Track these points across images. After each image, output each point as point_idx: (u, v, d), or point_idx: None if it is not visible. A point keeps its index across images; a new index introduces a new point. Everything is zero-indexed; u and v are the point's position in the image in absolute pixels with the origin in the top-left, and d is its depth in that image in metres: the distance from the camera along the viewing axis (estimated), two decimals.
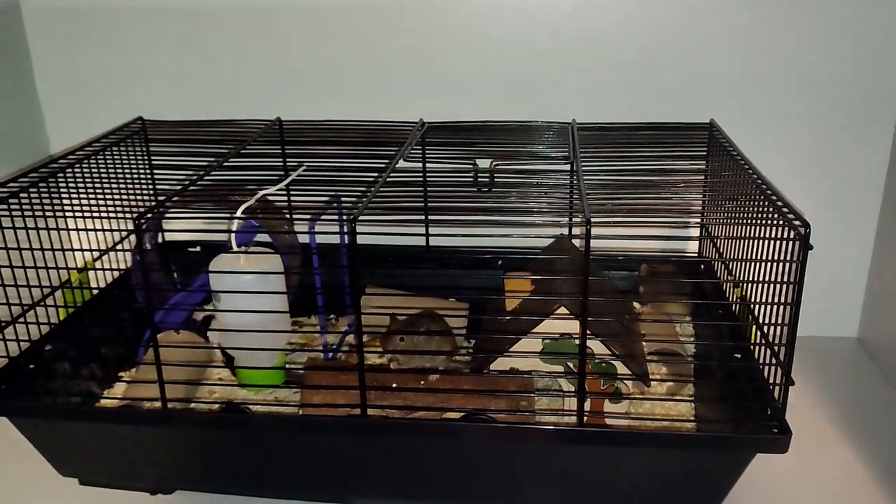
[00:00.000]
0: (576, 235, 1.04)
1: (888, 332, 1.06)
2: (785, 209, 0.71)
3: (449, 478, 0.79)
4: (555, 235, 0.99)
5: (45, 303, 0.87)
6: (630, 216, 0.73)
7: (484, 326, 0.98)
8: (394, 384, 0.81)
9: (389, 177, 0.85)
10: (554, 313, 0.83)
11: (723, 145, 0.94)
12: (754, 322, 0.77)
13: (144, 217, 0.76)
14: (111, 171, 1.00)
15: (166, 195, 0.82)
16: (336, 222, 0.98)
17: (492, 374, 0.84)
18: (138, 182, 1.06)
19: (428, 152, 1.02)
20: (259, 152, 1.01)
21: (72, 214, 0.81)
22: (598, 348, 0.82)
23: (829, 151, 1.07)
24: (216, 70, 1.12)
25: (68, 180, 0.91)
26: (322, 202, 0.93)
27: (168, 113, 1.10)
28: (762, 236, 0.74)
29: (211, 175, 0.88)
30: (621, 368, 0.83)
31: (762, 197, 0.76)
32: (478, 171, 0.92)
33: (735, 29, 1.04)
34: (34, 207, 0.84)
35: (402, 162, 0.91)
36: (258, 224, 0.97)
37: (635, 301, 1.03)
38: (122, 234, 1.00)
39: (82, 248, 0.88)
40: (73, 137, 1.10)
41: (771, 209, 0.73)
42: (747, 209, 0.80)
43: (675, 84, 1.07)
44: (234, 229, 0.84)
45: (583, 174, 0.84)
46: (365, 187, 0.83)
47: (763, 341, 0.75)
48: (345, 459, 0.79)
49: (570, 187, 0.91)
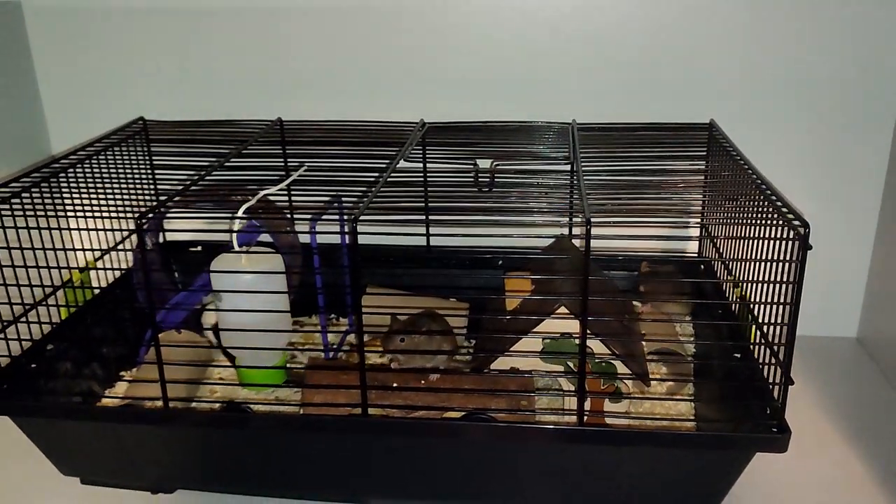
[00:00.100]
0: (576, 235, 1.05)
1: (888, 332, 1.06)
2: (784, 209, 0.71)
3: (449, 477, 0.79)
4: (555, 235, 0.99)
5: (47, 302, 0.87)
6: (630, 216, 0.74)
7: (484, 326, 0.98)
8: (394, 384, 0.81)
9: (390, 177, 0.85)
10: (554, 313, 0.83)
11: (722, 145, 0.95)
12: (754, 322, 0.78)
13: (146, 217, 0.76)
14: (112, 171, 1.01)
15: (167, 195, 0.82)
16: (337, 222, 0.99)
17: (492, 374, 0.84)
18: (139, 182, 1.06)
19: (428, 152, 1.03)
20: (260, 152, 1.02)
21: (73, 214, 0.81)
22: (598, 348, 0.82)
23: (829, 151, 1.07)
24: (217, 70, 1.12)
25: (70, 180, 0.92)
26: (323, 202, 0.93)
27: (169, 113, 1.10)
28: (762, 236, 0.74)
29: (212, 175, 0.88)
30: (621, 368, 0.83)
31: (762, 197, 0.76)
32: (478, 172, 0.92)
33: (735, 29, 1.04)
34: (36, 207, 0.84)
35: (403, 162, 0.91)
36: (259, 224, 0.98)
37: (635, 301, 1.04)
38: (124, 234, 1.00)
39: (84, 248, 0.88)
40: (75, 137, 1.11)
41: (770, 209, 0.73)
42: (747, 209, 0.80)
43: (675, 84, 1.07)
44: (236, 229, 0.85)
45: (583, 174, 0.84)
46: (366, 187, 0.84)
47: (762, 341, 0.75)
48: (346, 458, 0.79)
49: (571, 187, 0.91)
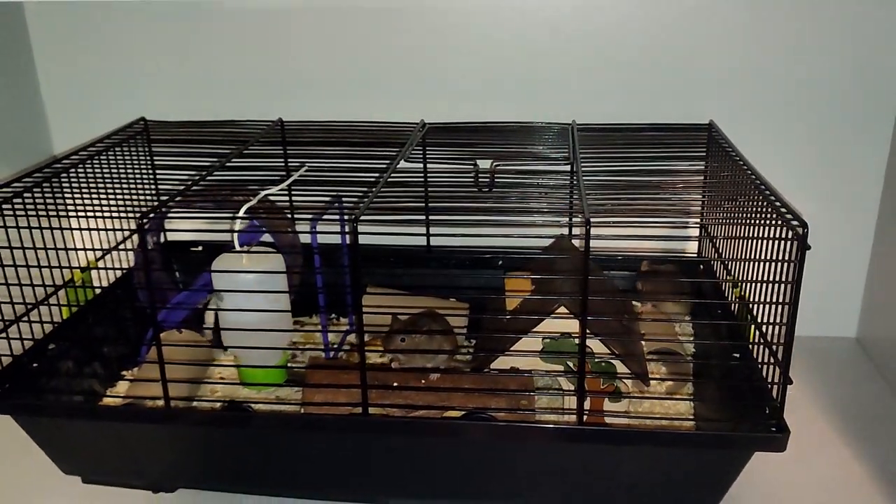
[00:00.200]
0: (576, 235, 1.05)
1: (887, 333, 1.07)
2: (783, 209, 0.71)
3: (449, 476, 0.80)
4: (555, 235, 1.00)
5: (49, 302, 0.87)
6: (629, 216, 0.74)
7: (484, 326, 0.98)
8: (395, 383, 0.81)
9: (390, 177, 0.85)
10: (554, 312, 0.83)
11: (722, 146, 0.95)
12: (753, 322, 0.78)
13: (147, 217, 0.76)
14: (114, 172, 1.01)
15: (169, 195, 0.82)
16: (337, 222, 0.99)
17: (492, 373, 0.84)
18: (141, 182, 1.07)
19: (429, 153, 1.03)
20: (261, 153, 1.02)
21: (75, 214, 0.81)
22: (598, 347, 0.82)
23: (829, 152, 1.07)
24: (218, 71, 1.12)
25: (71, 180, 0.92)
26: (323, 202, 0.93)
27: (170, 114, 1.10)
28: (761, 236, 0.74)
29: (213, 175, 0.89)
30: (621, 367, 0.83)
31: (761, 197, 0.76)
32: (478, 172, 0.92)
33: (734, 30, 1.04)
34: (38, 207, 0.85)
35: (403, 162, 0.92)
36: (259, 224, 0.98)
37: (635, 300, 1.04)
38: (125, 234, 1.00)
39: (85, 248, 0.88)
40: (76, 138, 1.11)
41: (769, 209, 0.73)
42: (746, 209, 0.80)
43: (675, 85, 1.07)
44: (237, 229, 0.85)
45: (583, 174, 0.84)
46: (366, 188, 0.84)
47: (761, 341, 0.76)
48: (346, 458, 0.80)
49: (570, 188, 0.92)
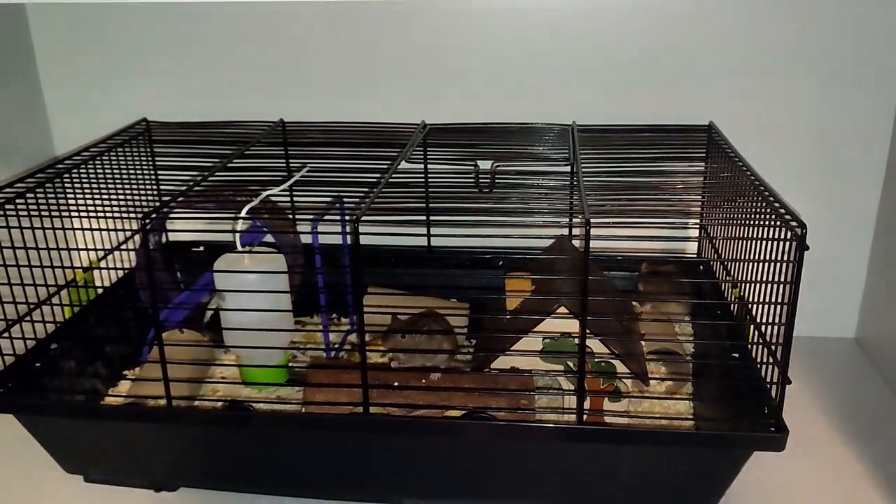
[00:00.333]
0: (576, 236, 1.05)
1: (886, 333, 1.07)
2: (782, 210, 0.72)
3: (449, 475, 0.80)
4: (555, 236, 1.00)
5: (51, 301, 0.88)
6: (629, 217, 0.74)
7: (485, 326, 0.98)
8: (395, 383, 0.82)
9: (391, 178, 0.85)
10: (554, 313, 0.83)
11: (721, 147, 0.95)
12: (752, 322, 0.78)
13: (149, 217, 0.77)
14: (116, 172, 1.01)
15: (171, 195, 0.83)
16: (338, 223, 0.99)
17: (492, 373, 0.85)
18: (142, 183, 1.07)
19: (429, 154, 1.03)
20: (262, 153, 1.02)
21: (77, 214, 0.82)
22: (598, 347, 0.83)
23: (828, 153, 1.07)
24: (220, 72, 1.13)
25: (74, 181, 0.92)
26: (325, 203, 0.94)
27: (172, 114, 1.11)
28: (760, 237, 0.75)
29: (215, 176, 0.89)
30: (621, 367, 0.83)
31: (760, 198, 0.77)
32: (479, 173, 0.92)
33: (734, 31, 1.04)
34: (40, 208, 0.85)
35: (404, 163, 0.92)
36: (261, 224, 0.98)
37: (635, 301, 1.04)
38: (127, 234, 1.01)
39: (87, 248, 0.89)
40: (78, 139, 1.11)
41: (768, 210, 0.74)
42: (745, 210, 0.81)
43: (675, 86, 1.07)
44: (239, 229, 0.85)
45: (583, 175, 0.84)
46: (367, 188, 0.84)
47: (761, 341, 0.76)
48: (347, 457, 0.80)
49: (571, 188, 0.92)
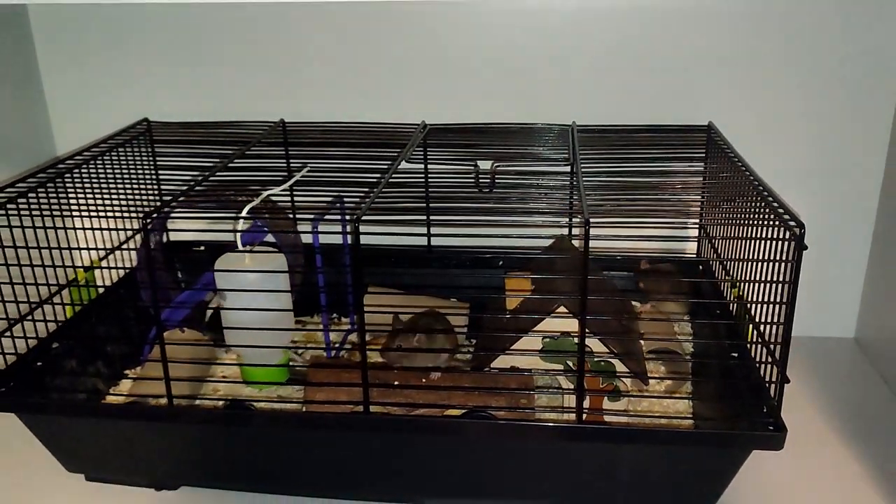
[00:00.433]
0: (575, 236, 1.05)
1: (885, 333, 1.07)
2: (780, 210, 0.72)
3: (449, 474, 0.80)
4: (555, 236, 1.00)
5: (53, 301, 0.88)
6: (629, 217, 0.74)
7: (485, 325, 0.99)
8: (396, 382, 0.82)
9: (392, 178, 0.86)
10: (553, 312, 0.84)
11: (721, 147, 0.95)
12: (751, 321, 0.78)
13: (151, 217, 0.77)
14: (117, 172, 1.02)
15: (172, 195, 0.83)
16: (339, 222, 0.99)
17: (492, 372, 0.85)
18: (144, 182, 1.07)
19: (430, 154, 1.03)
20: (263, 153, 1.02)
21: (79, 214, 0.82)
22: (598, 347, 0.83)
23: (827, 153, 1.08)
24: (221, 72, 1.13)
25: (75, 181, 0.93)
26: (325, 203, 0.94)
27: (173, 114, 1.11)
28: (759, 237, 0.75)
29: (216, 176, 0.89)
30: (620, 367, 0.84)
31: (759, 198, 0.77)
32: (479, 173, 0.93)
33: (734, 32, 1.04)
34: (42, 207, 0.86)
35: (405, 163, 0.92)
36: (262, 224, 0.98)
37: (634, 300, 1.04)
38: (128, 234, 1.01)
39: (89, 248, 0.89)
40: (79, 139, 1.12)
41: (767, 210, 0.74)
42: (744, 210, 0.81)
43: (675, 87, 1.07)
44: (240, 229, 0.86)
45: (582, 175, 0.85)
46: (367, 188, 0.84)
47: (759, 340, 0.76)
48: (348, 455, 0.80)
49: (570, 188, 0.92)
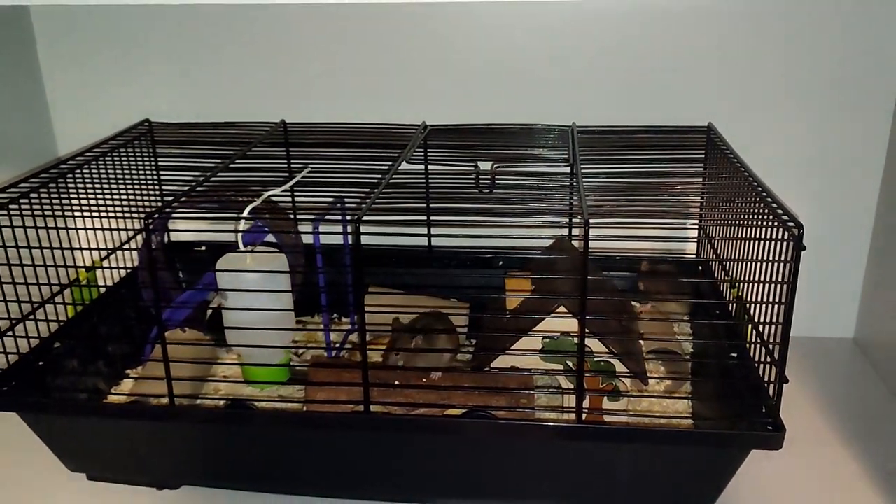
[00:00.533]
0: (575, 236, 1.06)
1: (884, 334, 1.07)
2: (779, 210, 0.72)
3: (449, 474, 0.80)
4: (555, 236, 1.00)
5: (54, 301, 0.88)
6: (628, 217, 0.75)
7: (485, 325, 0.99)
8: (396, 381, 0.82)
9: (392, 178, 0.86)
10: (553, 312, 0.84)
11: (720, 148, 0.96)
12: (750, 321, 0.79)
13: (152, 217, 0.77)
14: (118, 173, 1.02)
15: (173, 196, 0.83)
16: (340, 223, 1.00)
17: (492, 372, 0.85)
18: (145, 183, 1.08)
19: (430, 155, 1.04)
20: (264, 154, 1.03)
21: (80, 214, 0.82)
22: (597, 347, 0.83)
23: (826, 153, 1.08)
24: (221, 73, 1.13)
25: (76, 181, 0.93)
26: (326, 203, 0.94)
27: (174, 115, 1.11)
28: (758, 237, 0.75)
29: (217, 176, 0.89)
30: (620, 367, 0.84)
31: (758, 199, 0.77)
32: (479, 174, 0.93)
33: (733, 32, 1.05)
34: (44, 208, 0.86)
35: (405, 164, 0.93)
36: (263, 224, 0.99)
37: (634, 300, 1.05)
38: (130, 234, 1.01)
39: (90, 248, 0.89)
40: (80, 139, 1.12)
41: (766, 211, 0.74)
42: (744, 211, 0.81)
43: (674, 87, 1.08)
44: (241, 229, 0.86)
45: (582, 176, 0.85)
46: (368, 189, 0.84)
47: (758, 340, 0.76)
48: (348, 456, 0.80)
49: (570, 189, 0.92)
